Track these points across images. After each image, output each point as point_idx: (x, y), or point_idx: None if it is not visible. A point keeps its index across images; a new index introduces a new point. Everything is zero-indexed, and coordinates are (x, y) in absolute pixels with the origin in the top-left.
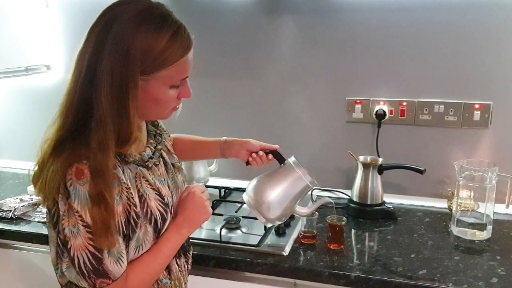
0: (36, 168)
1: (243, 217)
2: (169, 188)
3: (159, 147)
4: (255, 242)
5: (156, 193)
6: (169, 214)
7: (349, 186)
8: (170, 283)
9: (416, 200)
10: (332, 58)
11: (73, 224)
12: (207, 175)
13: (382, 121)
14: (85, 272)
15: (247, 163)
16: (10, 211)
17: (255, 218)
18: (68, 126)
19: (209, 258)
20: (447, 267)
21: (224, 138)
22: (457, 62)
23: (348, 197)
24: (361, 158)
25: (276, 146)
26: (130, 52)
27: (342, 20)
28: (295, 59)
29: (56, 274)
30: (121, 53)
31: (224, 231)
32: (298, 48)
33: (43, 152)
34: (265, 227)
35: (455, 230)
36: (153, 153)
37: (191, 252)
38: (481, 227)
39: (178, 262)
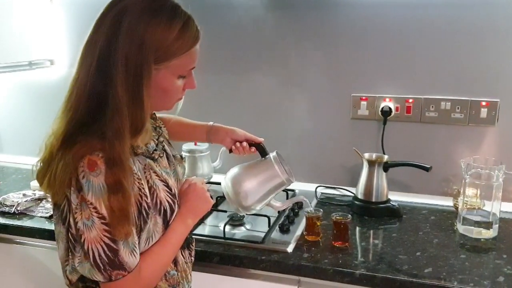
0: (41, 164)
1: (246, 213)
2: (175, 180)
3: (161, 139)
4: (259, 239)
5: (164, 184)
6: (176, 205)
7: (354, 184)
8: (177, 274)
9: (421, 198)
10: (337, 54)
11: (87, 217)
12: (211, 171)
13: (388, 118)
14: (101, 264)
15: (230, 150)
16: (13, 206)
17: (260, 215)
18: (78, 118)
19: (213, 254)
20: (453, 266)
21: (211, 123)
22: (464, 59)
23: (353, 195)
24: (366, 155)
25: (261, 139)
26: (145, 41)
27: (348, 16)
28: (300, 55)
29: (65, 271)
30: (136, 43)
31: (227, 227)
32: (303, 44)
33: (51, 146)
34: (269, 223)
35: (460, 228)
36: (157, 145)
37: (194, 244)
38: (487, 225)
39: (183, 254)
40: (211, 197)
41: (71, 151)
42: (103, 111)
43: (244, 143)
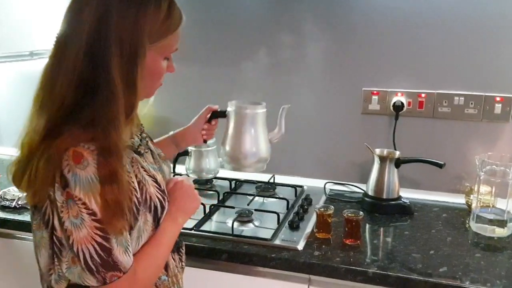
0: (17, 166)
1: (255, 210)
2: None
3: (144, 135)
4: (269, 236)
5: (152, 180)
6: (166, 202)
7: (363, 180)
8: (168, 280)
9: (432, 195)
10: (348, 47)
11: (75, 215)
12: (218, 166)
13: (400, 113)
14: (93, 266)
15: (205, 141)
16: (14, 200)
17: (269, 211)
18: (65, 108)
19: (221, 251)
20: (468, 265)
21: (171, 132)
22: (478, 53)
23: (362, 191)
24: (378, 151)
25: (210, 107)
26: (138, 21)
27: (359, 8)
28: (310, 47)
29: (49, 282)
30: (129, 24)
31: (235, 224)
32: (313, 37)
33: (29, 142)
34: (278, 220)
35: (474, 226)
36: (141, 141)
37: (183, 249)
38: (502, 223)
39: (174, 257)
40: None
41: (54, 144)
42: (94, 98)
43: (205, 126)
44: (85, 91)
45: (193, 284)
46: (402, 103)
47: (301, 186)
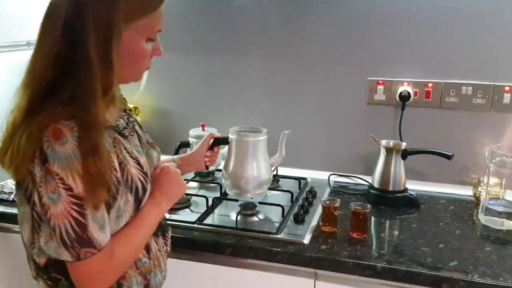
0: (1, 143)
1: (259, 203)
2: (146, 160)
3: (131, 119)
4: (274, 230)
5: (135, 162)
6: (149, 184)
7: (368, 172)
8: (150, 262)
9: (438, 187)
10: (353, 35)
11: (53, 190)
12: (220, 158)
13: (406, 103)
14: (68, 242)
15: (206, 167)
16: (12, 193)
17: (273, 204)
18: (45, 85)
19: (225, 245)
20: (479, 259)
21: (176, 156)
22: (486, 41)
23: (368, 183)
24: (384, 142)
25: (213, 134)
26: (113, 0)
27: None
28: (313, 36)
29: (31, 256)
30: (104, 3)
31: (239, 217)
32: (317, 25)
33: (13, 120)
34: (282, 213)
35: (482, 219)
36: (127, 124)
37: (169, 233)
38: (511, 216)
39: (157, 241)
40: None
41: (35, 121)
42: (73, 75)
43: (208, 153)
44: (64, 69)
45: (196, 278)
46: (409, 93)
47: (304, 178)
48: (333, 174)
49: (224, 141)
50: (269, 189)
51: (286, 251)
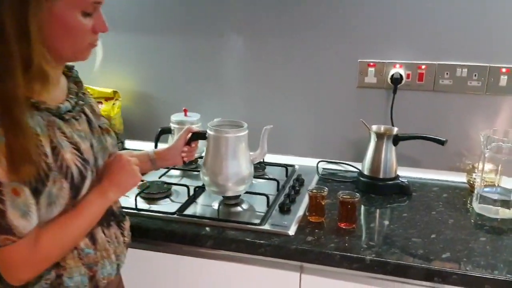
0: None
1: (246, 192)
2: (92, 148)
3: (80, 103)
4: (258, 220)
5: (73, 147)
6: (89, 172)
7: (358, 159)
8: (95, 253)
9: (431, 173)
10: (342, 14)
11: None
12: (203, 145)
13: (398, 86)
14: None
15: (184, 162)
16: None
17: (258, 194)
18: None
19: (206, 237)
20: (473, 250)
21: (152, 150)
22: (482, 21)
23: (358, 170)
24: (374, 127)
25: (190, 128)
26: None
27: None
28: (300, 16)
29: None
30: None
31: (222, 207)
32: (305, 4)
33: None
34: (267, 203)
35: (477, 207)
36: (73, 108)
37: (126, 223)
38: (507, 204)
39: (106, 232)
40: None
41: None
42: None
43: (185, 148)
44: None
45: (176, 272)
46: (401, 76)
47: (292, 166)
48: (322, 161)
49: (202, 136)
50: (255, 177)
51: (270, 243)
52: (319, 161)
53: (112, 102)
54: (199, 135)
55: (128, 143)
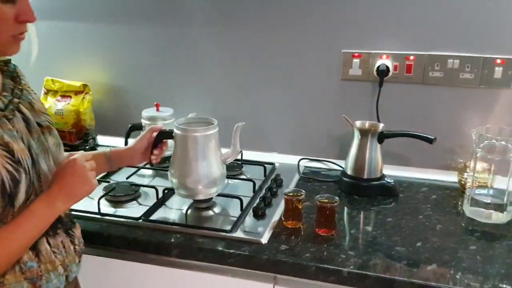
0: None
1: (218, 195)
2: (30, 149)
3: (16, 100)
4: (229, 227)
5: (2, 148)
6: (23, 175)
7: (343, 156)
8: (39, 266)
9: (420, 172)
10: (325, 0)
11: None
12: None
13: (385, 79)
14: None
15: (151, 164)
16: None
17: (231, 196)
18: None
19: (171, 246)
20: (462, 261)
21: (109, 149)
22: (476, 8)
23: (342, 169)
24: (358, 123)
25: (154, 128)
26: None
27: None
28: (278, 2)
29: None
30: None
31: (191, 211)
32: None
33: None
34: (241, 207)
35: (468, 210)
36: (6, 106)
37: (76, 230)
38: (500, 207)
39: (52, 242)
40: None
41: None
42: None
43: (156, 151)
44: None
45: (141, 281)
46: (388, 67)
47: (272, 164)
48: (304, 158)
49: (169, 135)
50: (230, 177)
51: (240, 252)
52: (301, 159)
53: (81, 96)
54: (165, 135)
55: (100, 139)
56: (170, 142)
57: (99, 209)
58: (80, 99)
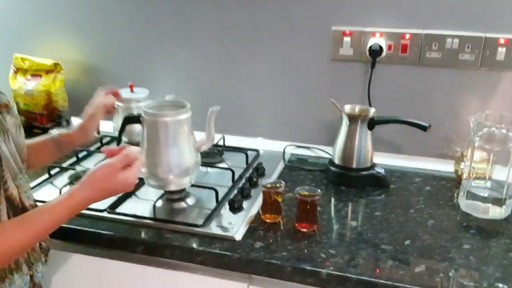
0: None
1: (192, 185)
2: None
3: None
4: (201, 221)
5: None
6: None
7: (332, 143)
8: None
9: (414, 161)
10: None
11: None
12: None
13: (378, 59)
14: None
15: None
16: None
17: (205, 187)
18: None
19: (136, 242)
20: (454, 262)
21: (56, 132)
22: None
23: (331, 157)
24: (347, 108)
25: (103, 103)
26: None
27: None
28: None
29: None
30: None
31: (162, 203)
32: None
33: None
34: (216, 199)
35: (463, 204)
36: None
37: None
38: (498, 202)
39: None
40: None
41: None
42: None
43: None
44: None
45: (104, 278)
46: (381, 47)
47: (255, 150)
48: (290, 144)
49: (136, 120)
50: (208, 165)
51: (210, 251)
52: (287, 146)
53: (53, 75)
54: (132, 119)
55: (75, 121)
56: (138, 127)
57: None
58: (51, 78)
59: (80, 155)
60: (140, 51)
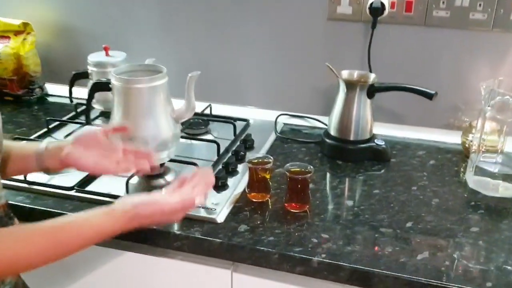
0: None
1: (171, 160)
2: None
3: None
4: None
5: None
6: None
7: (328, 112)
8: None
9: (418, 131)
10: None
11: None
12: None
13: (379, 18)
14: None
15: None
16: None
17: (187, 163)
18: None
19: None
20: (460, 247)
21: (45, 144)
22: None
23: (326, 128)
24: (345, 73)
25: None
26: None
27: None
28: None
29: None
30: None
31: (136, 181)
32: None
33: None
34: None
35: (471, 180)
36: None
37: (16, 221)
38: (509, 178)
39: None
40: None
41: None
42: None
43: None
44: None
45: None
46: (383, 4)
47: (245, 120)
48: (283, 114)
49: (104, 86)
50: (191, 137)
51: (189, 235)
52: (279, 115)
53: (22, 36)
54: (100, 86)
55: (50, 88)
56: (109, 95)
57: (24, 176)
58: (20, 40)
59: (51, 126)
60: (118, 11)
